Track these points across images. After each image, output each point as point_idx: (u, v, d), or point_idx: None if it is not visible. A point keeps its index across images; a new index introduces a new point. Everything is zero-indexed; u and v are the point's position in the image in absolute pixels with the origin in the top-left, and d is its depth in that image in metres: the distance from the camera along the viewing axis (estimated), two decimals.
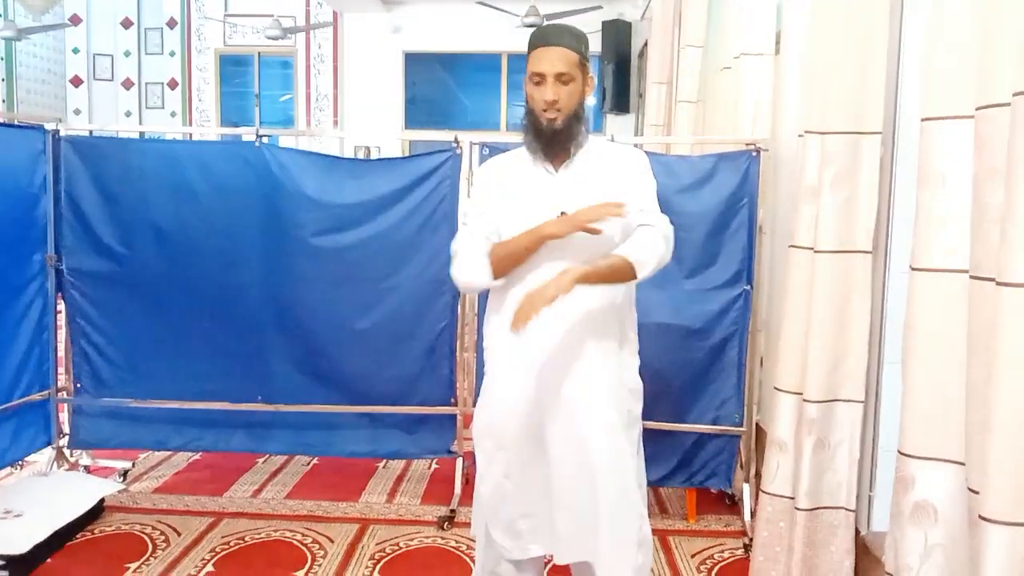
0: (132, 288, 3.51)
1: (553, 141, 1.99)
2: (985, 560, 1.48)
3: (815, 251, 2.37)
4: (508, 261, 1.96)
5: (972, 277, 1.64)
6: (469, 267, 2.00)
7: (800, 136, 2.43)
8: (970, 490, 1.62)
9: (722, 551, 3.10)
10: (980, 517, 1.49)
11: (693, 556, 3.05)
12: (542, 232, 1.89)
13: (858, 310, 2.35)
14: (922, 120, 1.86)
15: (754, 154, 3.22)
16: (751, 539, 3.04)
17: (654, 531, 3.19)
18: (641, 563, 2.03)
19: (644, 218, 1.99)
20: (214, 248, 3.46)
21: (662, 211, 2.11)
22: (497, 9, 8.16)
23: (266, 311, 3.48)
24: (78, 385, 3.62)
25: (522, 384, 2.01)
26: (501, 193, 2.07)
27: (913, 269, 1.86)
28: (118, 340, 3.57)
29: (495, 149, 3.16)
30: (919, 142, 1.88)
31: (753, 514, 3.21)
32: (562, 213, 1.98)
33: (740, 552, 3.07)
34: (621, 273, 1.89)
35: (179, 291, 3.49)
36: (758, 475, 3.31)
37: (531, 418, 2.01)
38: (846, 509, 2.40)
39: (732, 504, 3.51)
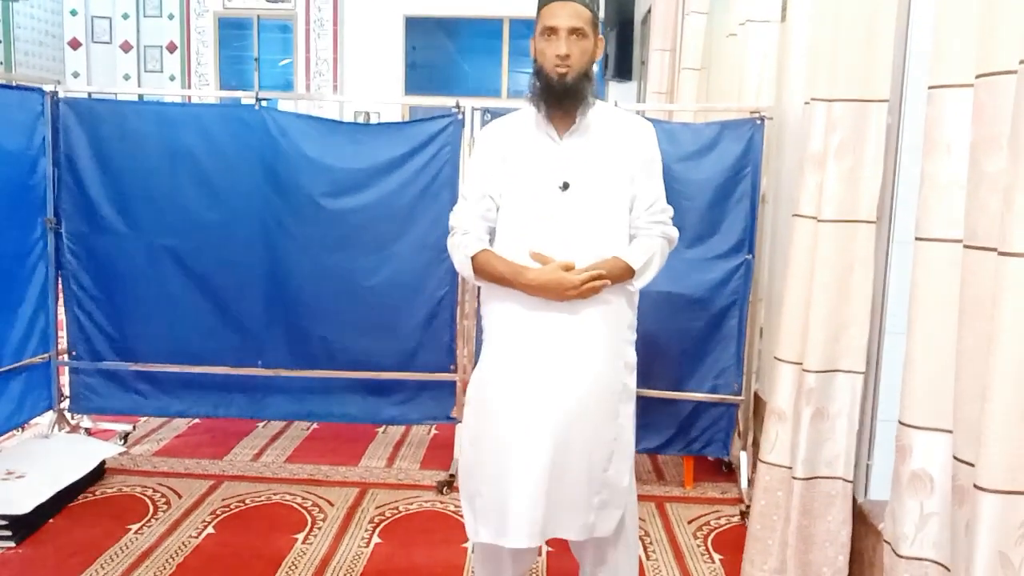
0: (130, 252, 3.50)
1: (563, 98, 1.96)
2: (980, 529, 1.49)
3: (818, 220, 2.35)
4: (488, 277, 2.02)
5: (966, 246, 1.63)
6: (457, 259, 2.07)
7: (806, 103, 2.40)
8: (956, 459, 1.63)
9: (718, 518, 3.13)
10: (976, 487, 1.50)
11: (690, 523, 3.08)
12: (521, 279, 1.94)
13: (860, 281, 2.34)
14: (929, 88, 1.83)
15: (758, 122, 3.20)
16: (747, 506, 3.07)
17: (651, 497, 3.26)
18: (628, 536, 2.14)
19: (650, 226, 2.04)
20: (212, 211, 3.45)
21: (665, 180, 2.12)
22: None
23: (265, 276, 3.48)
24: (73, 352, 3.62)
25: (519, 354, 2.00)
26: (502, 160, 2.05)
27: (917, 239, 1.85)
28: (115, 306, 3.57)
29: (497, 115, 3.13)
30: (926, 110, 1.86)
31: (750, 482, 3.24)
32: (564, 184, 1.97)
33: (736, 519, 3.10)
34: (622, 279, 2.01)
35: (177, 255, 3.48)
36: (755, 443, 3.33)
37: (521, 389, 1.97)
38: (844, 479, 2.40)
39: (729, 471, 3.53)
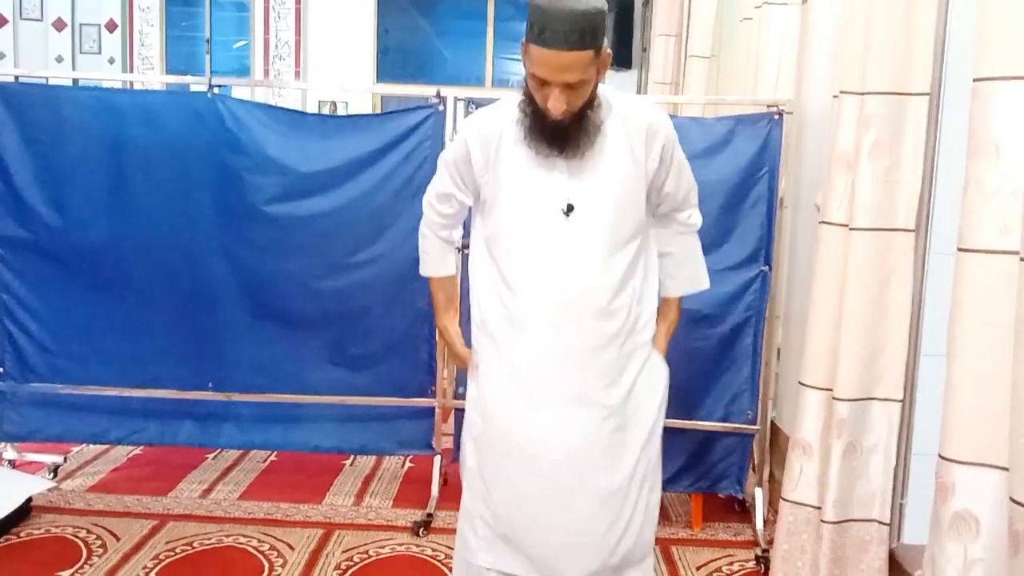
0: (66, 259, 3.46)
1: (558, 134, 1.91)
2: None
3: (850, 228, 2.35)
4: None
5: None
6: (420, 258, 2.41)
7: (834, 97, 2.40)
8: (1013, 501, 1.61)
9: (731, 563, 3.11)
10: None
11: (699, 568, 3.06)
12: (438, 323, 2.42)
13: (898, 296, 2.33)
14: (974, 81, 1.84)
15: (776, 117, 3.19)
16: (764, 549, 3.06)
17: (655, 540, 3.24)
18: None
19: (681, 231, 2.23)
20: (160, 213, 3.41)
21: None
22: None
23: (219, 287, 3.44)
24: (1, 369, 3.57)
25: (518, 386, 2.05)
26: (487, 167, 2.01)
27: (960, 250, 1.85)
28: (49, 318, 3.52)
29: (483, 106, 3.11)
30: (970, 105, 1.86)
31: (766, 522, 3.23)
32: (569, 207, 1.95)
33: (751, 564, 3.08)
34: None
35: (119, 262, 3.44)
36: (772, 478, 3.33)
37: (523, 420, 2.04)
38: (879, 522, 2.39)
39: (743, 511, 3.52)
